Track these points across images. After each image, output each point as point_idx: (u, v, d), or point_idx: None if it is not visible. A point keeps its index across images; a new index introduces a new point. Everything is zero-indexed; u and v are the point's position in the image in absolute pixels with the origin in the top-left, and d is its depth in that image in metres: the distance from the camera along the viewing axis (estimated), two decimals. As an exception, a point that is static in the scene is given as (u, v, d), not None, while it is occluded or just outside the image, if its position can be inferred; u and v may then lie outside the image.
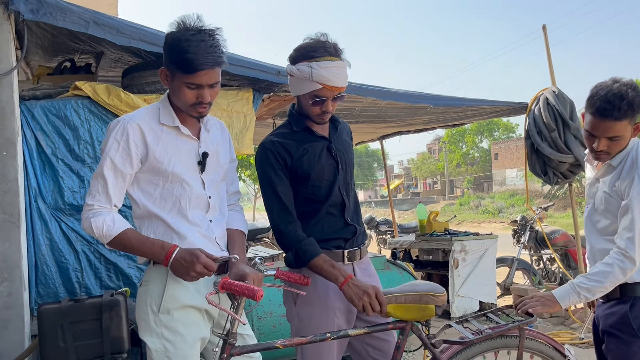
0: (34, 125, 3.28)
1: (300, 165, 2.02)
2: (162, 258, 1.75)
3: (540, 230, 6.10)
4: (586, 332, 4.74)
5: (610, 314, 1.96)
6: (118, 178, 1.82)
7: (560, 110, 4.65)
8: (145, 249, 1.79)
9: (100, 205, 1.80)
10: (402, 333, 1.89)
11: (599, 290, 1.90)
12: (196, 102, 1.79)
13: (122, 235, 1.79)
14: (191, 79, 1.75)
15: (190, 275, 1.73)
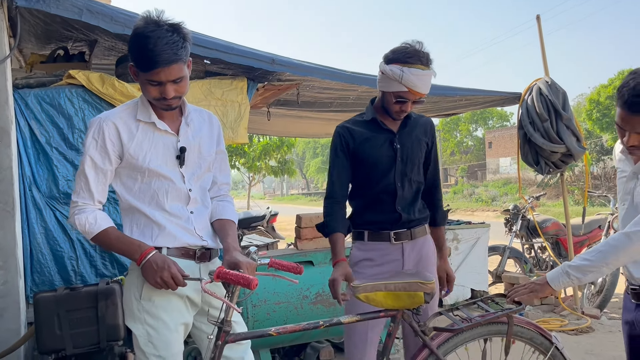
0: (27, 114, 3.28)
1: (362, 151, 2.31)
2: (136, 257, 1.80)
3: (532, 219, 6.16)
4: (575, 319, 4.83)
5: None
6: (99, 175, 1.87)
7: (552, 100, 4.68)
8: (123, 247, 1.85)
9: (84, 202, 1.86)
10: (393, 321, 1.93)
11: (589, 269, 1.77)
12: (160, 97, 1.80)
13: (103, 233, 1.85)
14: (150, 76, 1.75)
15: (155, 280, 1.77)
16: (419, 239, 2.37)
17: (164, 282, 1.76)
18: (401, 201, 2.33)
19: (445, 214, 2.55)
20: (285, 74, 3.94)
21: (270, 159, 13.00)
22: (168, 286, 1.77)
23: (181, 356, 1.94)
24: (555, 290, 1.87)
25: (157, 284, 1.78)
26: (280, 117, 5.71)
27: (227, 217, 2.07)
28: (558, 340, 2.08)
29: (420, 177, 2.39)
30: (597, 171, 22.06)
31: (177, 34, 1.75)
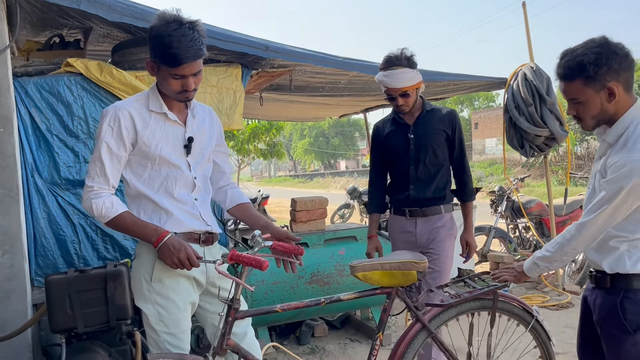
0: (27, 102, 3.35)
1: (386, 142, 2.90)
2: (154, 240, 1.92)
3: (517, 200, 6.36)
4: (557, 295, 5.06)
5: (601, 304, 1.86)
6: (114, 160, 1.98)
7: (537, 85, 4.82)
8: (140, 230, 1.96)
9: (99, 186, 1.97)
10: (388, 297, 2.08)
11: (552, 259, 1.88)
12: (182, 90, 1.95)
13: (119, 217, 1.96)
14: (175, 71, 1.90)
15: (172, 261, 1.90)
16: (432, 217, 2.81)
17: (180, 262, 1.89)
18: (415, 182, 2.81)
19: (471, 191, 2.91)
20: (278, 60, 4.03)
21: (259, 142, 13.08)
22: (184, 266, 1.90)
23: (189, 332, 2.09)
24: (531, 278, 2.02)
25: (173, 264, 1.90)
26: (271, 102, 5.79)
27: (244, 200, 2.27)
28: (538, 313, 2.25)
29: (437, 160, 2.80)
30: (581, 151, 22.41)
31: (196, 32, 1.89)
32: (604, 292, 1.86)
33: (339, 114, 7.60)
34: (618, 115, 1.77)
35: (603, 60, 1.70)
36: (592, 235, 1.80)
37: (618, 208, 1.73)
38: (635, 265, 1.78)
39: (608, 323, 1.84)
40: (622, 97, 1.74)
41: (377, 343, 2.08)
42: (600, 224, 1.77)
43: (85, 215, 3.47)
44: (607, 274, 1.84)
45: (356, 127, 47.14)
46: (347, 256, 3.91)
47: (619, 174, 1.70)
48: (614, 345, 1.83)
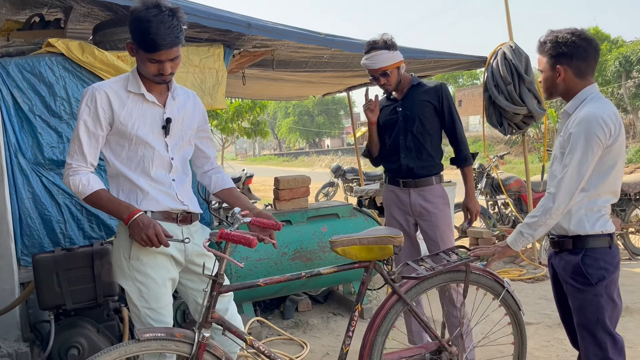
0: (9, 83, 3.34)
1: (380, 117, 3.13)
2: (125, 217, 1.98)
3: (496, 177, 6.50)
4: (533, 269, 5.23)
5: (565, 264, 2.08)
6: (91, 139, 2.03)
7: (516, 64, 4.91)
8: (113, 207, 2.02)
9: (77, 164, 2.03)
10: (366, 271, 2.18)
11: (537, 224, 2.03)
12: (158, 73, 1.99)
13: (95, 195, 2.02)
14: (152, 56, 1.94)
15: (141, 237, 1.95)
16: (424, 188, 3.01)
17: (149, 238, 1.95)
18: (404, 150, 3.02)
19: (466, 156, 3.07)
20: (260, 37, 4.04)
21: (243, 121, 13.05)
22: (152, 243, 1.96)
23: (171, 307, 2.16)
24: (516, 251, 2.16)
25: (142, 241, 1.96)
26: (254, 80, 5.80)
27: (230, 185, 2.34)
28: (509, 284, 2.36)
29: (425, 130, 3.00)
30: (560, 129, 22.69)
31: (176, 19, 1.92)
32: (567, 253, 2.09)
33: (322, 92, 7.63)
34: (572, 93, 2.09)
35: (562, 46, 2.03)
36: (571, 188, 1.97)
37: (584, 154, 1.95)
38: (593, 226, 2.04)
39: (572, 278, 2.06)
40: (570, 79, 2.06)
41: (356, 314, 2.18)
42: (575, 174, 1.96)
43: (70, 195, 3.50)
44: (569, 237, 2.08)
45: (341, 105, 47.06)
46: (330, 233, 4.01)
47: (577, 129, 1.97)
48: (578, 298, 2.05)
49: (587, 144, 1.95)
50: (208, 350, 1.93)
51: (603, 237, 2.05)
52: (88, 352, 2.66)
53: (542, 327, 3.74)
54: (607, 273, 2.03)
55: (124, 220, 1.99)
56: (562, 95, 2.13)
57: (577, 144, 1.96)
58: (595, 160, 1.97)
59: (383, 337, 2.17)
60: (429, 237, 3.02)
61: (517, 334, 2.44)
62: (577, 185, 1.98)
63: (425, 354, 2.27)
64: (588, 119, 1.96)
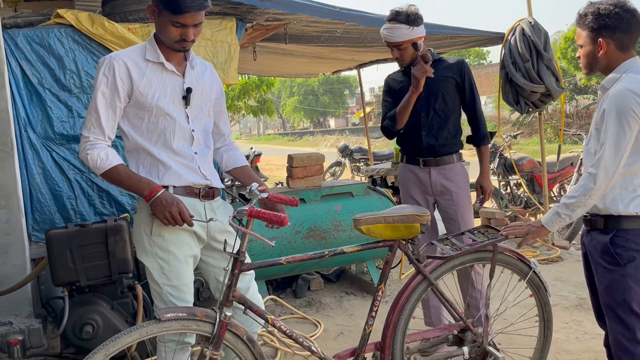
0: (18, 55, 3.25)
1: (398, 92, 2.97)
2: (146, 193, 1.90)
3: (509, 157, 6.40)
4: (546, 250, 5.17)
5: (596, 243, 2.04)
6: (109, 110, 1.95)
7: (535, 41, 4.77)
8: (133, 183, 1.94)
9: (95, 137, 1.94)
10: (390, 250, 2.11)
11: (575, 205, 1.96)
12: (180, 39, 1.91)
13: (114, 170, 1.93)
14: (177, 19, 1.86)
15: (164, 215, 1.89)
16: (445, 166, 2.94)
17: (172, 217, 1.88)
18: (426, 128, 2.93)
19: (485, 135, 3.00)
20: (273, 10, 3.93)
21: (250, 99, 12.90)
22: (175, 222, 1.89)
23: (192, 285, 2.11)
24: (550, 231, 2.10)
25: (164, 219, 1.89)
26: (265, 54, 5.68)
27: (243, 163, 2.27)
28: (536, 265, 2.30)
29: (447, 107, 2.92)
30: (570, 110, 22.46)
31: None
32: (597, 233, 2.04)
33: (332, 69, 7.50)
34: (612, 67, 2.00)
35: (605, 18, 1.94)
36: (612, 166, 1.90)
37: (620, 131, 1.88)
38: (627, 207, 1.96)
39: (601, 258, 2.02)
40: (612, 52, 1.98)
41: (379, 294, 2.12)
42: (613, 152, 1.89)
43: (80, 170, 3.44)
44: (600, 216, 2.02)
45: (346, 84, 46.67)
46: (344, 212, 3.94)
47: (609, 104, 1.90)
48: (606, 277, 2.01)
49: (621, 118, 1.87)
50: (230, 330, 1.87)
51: (637, 219, 1.97)
52: (102, 329, 2.62)
53: (559, 309, 3.69)
54: (638, 255, 1.96)
55: (145, 197, 1.91)
56: (602, 70, 2.04)
57: (611, 119, 1.89)
58: (633, 136, 1.89)
59: (407, 318, 2.11)
60: (449, 217, 2.95)
61: (543, 315, 2.38)
62: (617, 164, 1.89)
63: (448, 335, 2.22)
64: (620, 93, 1.89)
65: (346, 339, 3.40)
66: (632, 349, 1.97)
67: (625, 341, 1.99)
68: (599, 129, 1.96)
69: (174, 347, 2.01)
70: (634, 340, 1.97)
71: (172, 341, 2.01)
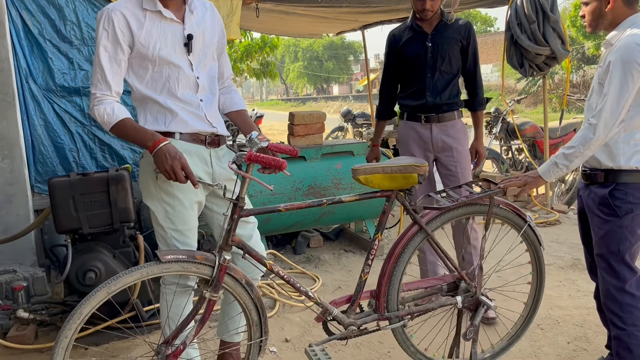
0: (18, 4, 3.22)
1: (402, 50, 2.98)
2: (150, 144, 1.88)
3: (512, 122, 6.38)
4: (545, 214, 5.21)
5: (594, 195, 2.06)
6: (113, 65, 1.93)
7: (542, 2, 4.69)
8: (137, 135, 1.92)
9: (102, 93, 1.93)
10: (388, 200, 2.13)
11: (573, 155, 1.98)
12: None
13: (121, 123, 1.92)
14: None
15: (165, 168, 1.86)
16: (447, 123, 2.96)
17: (174, 171, 1.86)
18: (430, 89, 2.93)
19: (482, 100, 3.02)
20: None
21: (252, 61, 12.76)
22: (177, 177, 1.87)
23: (196, 231, 2.14)
24: (547, 181, 2.11)
25: (165, 173, 1.88)
26: (267, 13, 5.61)
27: (241, 107, 2.25)
28: (531, 219, 2.32)
29: (452, 69, 2.93)
30: (577, 79, 22.21)
31: None
32: (597, 186, 2.06)
33: (336, 30, 7.40)
34: (617, 22, 2.01)
35: None
36: (612, 118, 1.90)
37: (623, 82, 1.88)
38: (628, 161, 1.98)
39: (599, 209, 2.05)
40: (619, 7, 1.98)
41: (376, 243, 2.15)
42: (615, 103, 1.89)
43: (82, 123, 3.45)
44: (601, 170, 2.04)
45: (350, 50, 46.08)
46: (344, 170, 3.96)
47: (615, 57, 1.90)
48: (602, 228, 2.04)
49: (626, 71, 1.87)
50: (229, 273, 1.92)
51: (636, 173, 1.99)
52: (105, 276, 2.67)
53: (554, 268, 3.75)
54: (636, 207, 1.99)
55: (148, 149, 1.90)
56: (607, 26, 2.04)
57: (615, 71, 1.89)
58: (635, 88, 1.89)
59: (402, 267, 2.15)
60: (449, 173, 2.97)
61: (536, 269, 2.43)
62: (617, 116, 1.91)
63: (442, 285, 2.26)
64: (627, 45, 1.89)
65: (343, 292, 3.47)
66: (620, 298, 2.02)
67: (615, 290, 2.04)
68: (602, 83, 1.97)
69: (174, 289, 2.06)
70: (622, 290, 2.02)
71: (173, 283, 2.06)
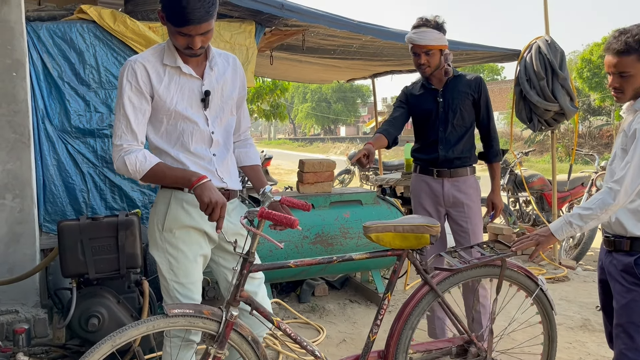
0: (40, 47, 3.31)
1: (414, 106, 3.05)
2: (194, 179, 1.85)
3: (520, 174, 6.39)
4: (553, 269, 5.14)
5: (617, 262, 2.00)
6: (138, 115, 1.95)
7: (550, 59, 4.77)
8: (179, 173, 1.91)
9: (129, 143, 1.93)
10: (399, 259, 2.12)
11: (590, 217, 1.94)
12: (186, 47, 1.90)
13: (156, 168, 1.91)
14: (181, 29, 1.84)
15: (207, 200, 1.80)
16: (459, 178, 2.97)
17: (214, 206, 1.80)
18: (443, 142, 2.97)
19: (497, 152, 3.05)
20: (292, 20, 3.97)
21: (263, 102, 12.96)
22: (213, 213, 1.81)
23: (200, 284, 2.12)
24: (559, 239, 2.07)
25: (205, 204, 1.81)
26: (281, 60, 5.73)
27: (255, 162, 2.27)
28: (543, 282, 2.29)
29: (464, 122, 2.96)
30: (583, 130, 22.37)
31: None
32: (621, 254, 2.00)
33: (346, 77, 7.54)
34: None
35: None
36: (631, 188, 1.87)
37: None
38: None
39: (622, 277, 1.98)
40: None
41: (385, 303, 2.12)
42: (635, 174, 1.86)
43: (94, 164, 3.48)
44: (627, 238, 1.98)
45: (358, 93, 46.73)
46: (352, 219, 3.95)
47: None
48: (625, 297, 1.97)
49: None
50: (235, 329, 1.89)
51: None
52: (108, 322, 2.64)
53: (563, 329, 3.67)
54: None
55: (191, 183, 1.86)
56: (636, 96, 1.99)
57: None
58: None
59: (411, 328, 2.12)
60: (460, 229, 2.96)
61: (548, 333, 2.38)
62: (637, 184, 1.88)
63: (452, 348, 2.21)
64: None
65: (348, 346, 3.40)
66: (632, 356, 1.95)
67: (626, 350, 1.97)
68: (625, 149, 1.94)
69: (179, 344, 2.02)
70: (634, 349, 1.95)
71: (178, 337, 2.02)
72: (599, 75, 20.13)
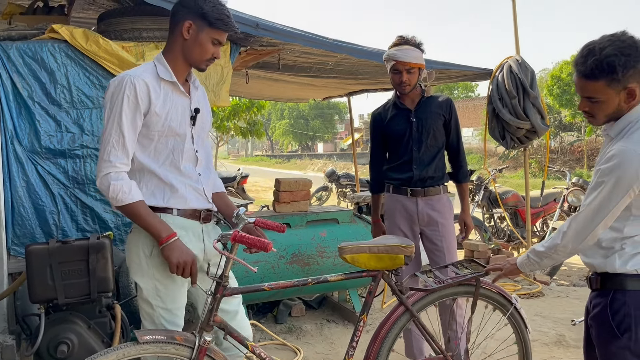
0: (9, 67, 3.25)
1: (388, 127, 3.06)
2: (164, 236, 1.88)
3: (494, 190, 6.47)
4: (528, 285, 5.19)
5: (593, 306, 1.80)
6: (131, 132, 1.91)
7: (521, 78, 4.88)
8: (153, 222, 1.89)
9: (120, 163, 1.88)
10: (374, 280, 2.11)
11: (543, 255, 1.83)
12: (211, 57, 1.98)
13: (134, 205, 1.88)
14: (219, 35, 1.95)
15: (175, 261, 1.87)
16: (432, 197, 2.98)
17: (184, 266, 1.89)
18: (417, 162, 2.98)
19: (467, 172, 3.10)
20: (267, 39, 3.99)
21: (239, 120, 12.94)
22: (183, 272, 1.89)
23: (184, 309, 2.08)
24: (523, 272, 1.97)
25: (175, 265, 1.88)
26: (257, 79, 5.74)
27: (221, 189, 2.26)
28: (517, 301, 2.31)
29: (437, 142, 2.99)
30: (554, 145, 22.87)
31: None
32: (595, 294, 1.82)
33: (322, 95, 7.58)
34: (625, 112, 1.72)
35: (632, 62, 1.62)
36: (583, 230, 1.72)
37: (607, 199, 1.66)
38: (624, 264, 1.71)
39: (598, 325, 1.78)
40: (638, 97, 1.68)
41: (361, 324, 2.11)
42: (590, 217, 1.70)
43: (65, 185, 3.41)
44: (597, 275, 1.79)
45: (335, 110, 46.99)
46: (329, 238, 3.94)
47: (609, 165, 1.65)
48: (604, 348, 1.78)
49: (615, 188, 1.63)
50: (208, 355, 1.85)
51: (637, 278, 1.70)
52: (78, 348, 2.56)
53: (538, 345, 3.70)
54: (635, 324, 1.68)
55: (161, 239, 1.88)
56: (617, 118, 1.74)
57: (603, 184, 1.66)
58: (624, 204, 1.66)
59: (388, 349, 2.11)
60: (435, 247, 2.97)
61: (522, 352, 2.39)
62: (591, 229, 1.70)
63: (428, 368, 2.21)
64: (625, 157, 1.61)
65: (325, 367, 3.37)
66: None
67: None
68: None
69: (151, 371, 1.97)
70: None
71: (150, 364, 1.98)
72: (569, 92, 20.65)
